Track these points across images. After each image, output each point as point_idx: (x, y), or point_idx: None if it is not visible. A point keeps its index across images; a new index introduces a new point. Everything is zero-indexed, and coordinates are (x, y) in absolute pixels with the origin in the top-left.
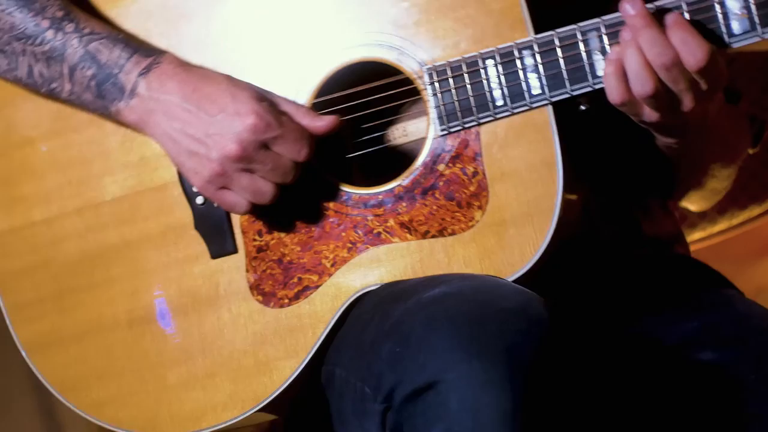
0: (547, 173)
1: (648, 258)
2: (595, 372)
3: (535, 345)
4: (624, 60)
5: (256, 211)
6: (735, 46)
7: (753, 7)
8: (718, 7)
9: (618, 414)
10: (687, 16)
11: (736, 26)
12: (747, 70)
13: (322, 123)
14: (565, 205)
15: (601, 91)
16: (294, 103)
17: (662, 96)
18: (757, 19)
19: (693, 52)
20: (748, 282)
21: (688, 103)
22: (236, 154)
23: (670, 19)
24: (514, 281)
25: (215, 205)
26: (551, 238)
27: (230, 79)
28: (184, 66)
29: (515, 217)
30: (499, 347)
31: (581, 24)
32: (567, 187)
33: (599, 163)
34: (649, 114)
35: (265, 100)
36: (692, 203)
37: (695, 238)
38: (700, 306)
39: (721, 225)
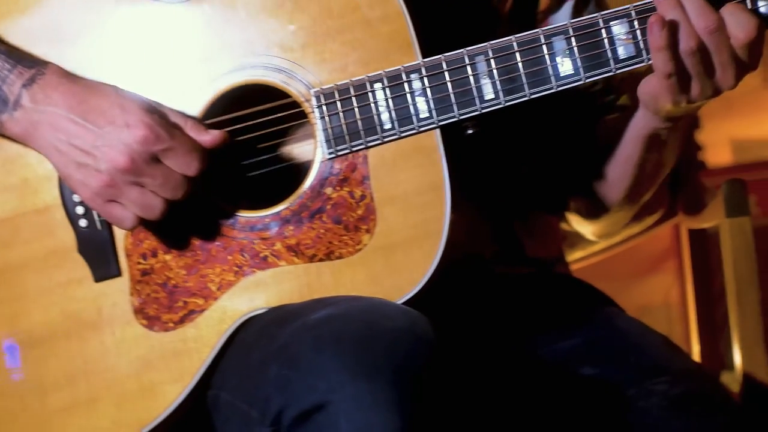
0: (434, 196)
1: (530, 277)
2: (481, 390)
3: (422, 364)
4: (667, 15)
5: (140, 233)
6: (620, 71)
7: (639, 33)
8: (604, 32)
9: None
10: (573, 41)
11: (621, 51)
12: None
13: (208, 137)
14: (452, 226)
15: (489, 114)
16: (183, 114)
17: (704, 59)
18: (642, 45)
19: (742, 22)
20: (631, 300)
21: (730, 78)
22: (125, 166)
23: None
24: (403, 305)
25: (98, 227)
26: (439, 261)
27: (118, 90)
28: (70, 77)
29: (403, 240)
30: (386, 367)
31: (469, 48)
32: (455, 209)
33: (487, 184)
34: (696, 87)
35: (155, 111)
36: (602, 227)
37: (576, 257)
38: (581, 323)
39: (601, 244)
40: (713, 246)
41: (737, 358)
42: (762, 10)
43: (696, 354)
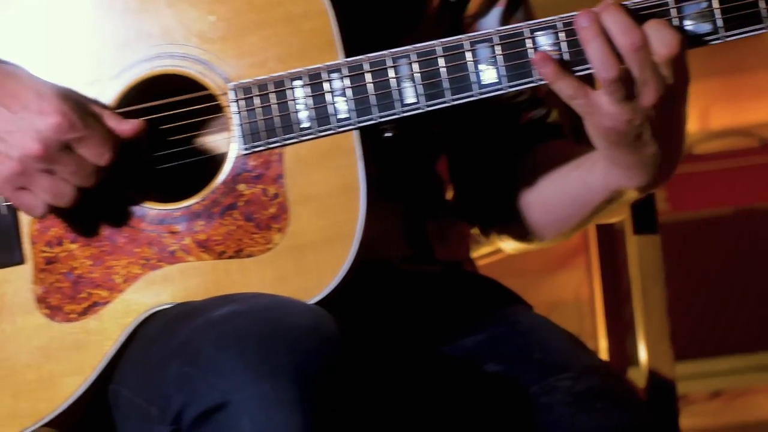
0: (349, 199)
1: (436, 275)
2: (387, 389)
3: (326, 363)
4: (587, 44)
5: (47, 221)
6: (543, 83)
7: (564, 45)
8: (529, 42)
9: (410, 429)
10: (498, 49)
11: None
12: None
13: (127, 126)
14: (365, 228)
15: (409, 118)
16: (99, 104)
17: (626, 81)
18: (567, 57)
19: (665, 38)
20: (541, 296)
21: (650, 94)
22: (38, 154)
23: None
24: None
25: (2, 212)
26: (352, 264)
27: (33, 75)
28: None
29: (315, 242)
30: (289, 366)
31: (392, 50)
32: (369, 211)
33: (402, 187)
34: (608, 108)
35: (71, 99)
36: (526, 247)
37: (482, 252)
38: (486, 319)
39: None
40: (621, 242)
41: (643, 354)
42: (689, 28)
43: (603, 350)
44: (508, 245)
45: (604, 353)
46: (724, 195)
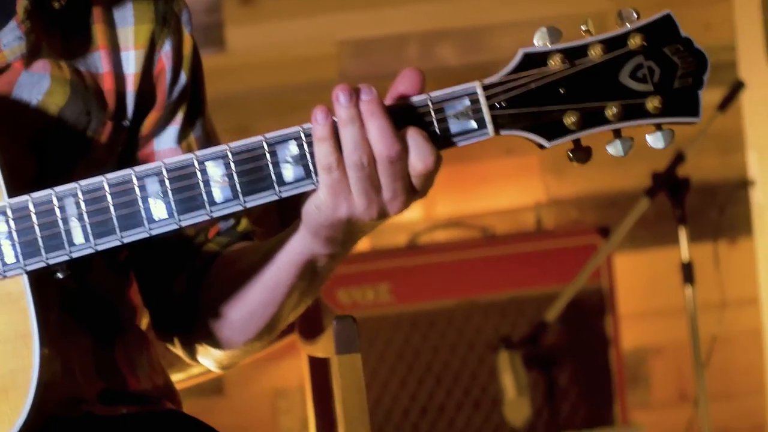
0: (22, 345)
1: (134, 417)
2: None
3: None
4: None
5: None
6: (217, 214)
7: (235, 175)
8: (199, 174)
9: None
10: (167, 183)
11: (217, 194)
12: None
13: None
14: (49, 367)
15: (79, 260)
16: None
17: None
18: (238, 188)
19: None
20: (266, 382)
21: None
22: None
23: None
24: None
25: None
26: (29, 413)
27: None
28: None
29: None
30: None
31: (58, 189)
32: (53, 349)
33: (91, 322)
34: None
35: None
36: (234, 356)
37: (177, 378)
38: None
39: (201, 367)
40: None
41: None
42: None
43: None
44: (210, 359)
45: None
46: (447, 287)
